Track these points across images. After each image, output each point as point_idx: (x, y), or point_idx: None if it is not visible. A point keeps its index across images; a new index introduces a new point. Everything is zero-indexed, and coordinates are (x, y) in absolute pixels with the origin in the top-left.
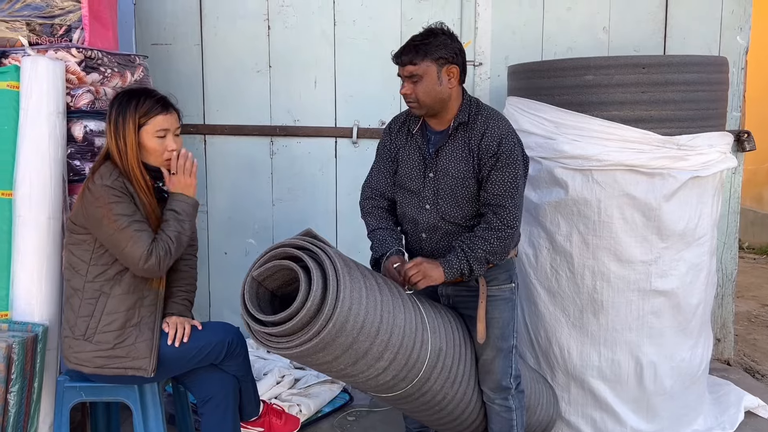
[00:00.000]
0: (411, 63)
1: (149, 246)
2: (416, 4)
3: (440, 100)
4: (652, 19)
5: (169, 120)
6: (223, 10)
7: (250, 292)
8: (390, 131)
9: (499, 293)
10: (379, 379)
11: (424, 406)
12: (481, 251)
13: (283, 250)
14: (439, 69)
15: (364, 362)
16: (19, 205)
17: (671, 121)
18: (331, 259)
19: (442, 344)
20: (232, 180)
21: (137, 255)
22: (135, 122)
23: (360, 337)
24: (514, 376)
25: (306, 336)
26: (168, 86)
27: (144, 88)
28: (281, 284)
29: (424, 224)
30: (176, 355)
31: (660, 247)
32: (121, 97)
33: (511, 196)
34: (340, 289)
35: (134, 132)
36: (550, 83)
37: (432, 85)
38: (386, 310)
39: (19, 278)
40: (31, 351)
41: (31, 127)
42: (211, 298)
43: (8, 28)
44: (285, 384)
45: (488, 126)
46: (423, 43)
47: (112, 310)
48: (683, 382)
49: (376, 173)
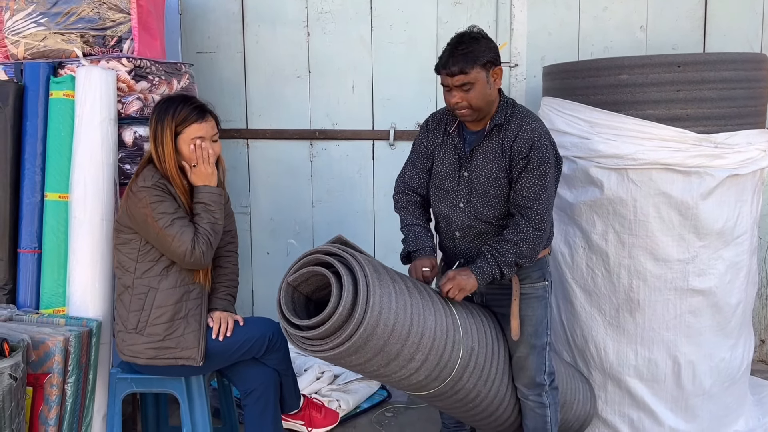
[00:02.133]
0: (462, 72)
1: (192, 240)
2: (452, 8)
3: (490, 102)
4: (691, 17)
5: (205, 127)
6: (264, 19)
7: (286, 297)
8: (427, 128)
9: (532, 291)
10: (412, 379)
11: (458, 403)
12: (510, 255)
13: (316, 257)
14: (487, 73)
15: (396, 364)
16: (75, 207)
17: (708, 119)
18: (361, 265)
19: (474, 344)
20: (274, 182)
21: (183, 250)
22: (172, 130)
23: (391, 340)
24: (548, 372)
25: (338, 340)
26: (212, 92)
27: (182, 96)
28: (315, 289)
29: (458, 223)
30: (220, 349)
31: (697, 246)
32: (161, 105)
33: (538, 198)
34: (370, 294)
35: (171, 139)
36: (584, 83)
37: (484, 90)
38: (416, 313)
39: (75, 276)
40: (86, 345)
41: (85, 134)
42: (255, 297)
43: (64, 40)
44: (325, 380)
45: (522, 128)
46: (469, 50)
47: (161, 303)
48: (723, 382)
49: (411, 169)
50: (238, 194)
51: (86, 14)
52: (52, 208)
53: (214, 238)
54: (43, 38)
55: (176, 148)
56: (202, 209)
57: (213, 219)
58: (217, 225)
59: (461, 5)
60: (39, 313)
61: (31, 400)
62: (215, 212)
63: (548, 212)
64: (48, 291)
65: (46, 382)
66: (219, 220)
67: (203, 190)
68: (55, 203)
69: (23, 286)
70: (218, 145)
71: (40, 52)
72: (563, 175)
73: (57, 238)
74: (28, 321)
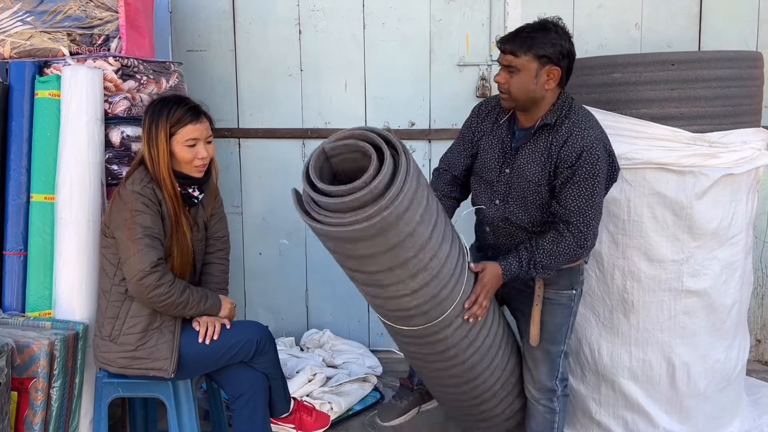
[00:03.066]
0: (512, 53)
1: (153, 263)
2: (445, 5)
3: (531, 99)
4: (686, 15)
5: (199, 129)
6: (256, 17)
7: (316, 163)
8: (479, 114)
9: (556, 297)
10: (402, 302)
11: (439, 364)
12: (545, 262)
13: (363, 132)
14: (539, 67)
15: (398, 273)
16: (61, 208)
17: (702, 118)
18: (407, 156)
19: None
20: (266, 182)
21: (138, 268)
22: (166, 131)
23: (406, 243)
24: (560, 378)
25: (360, 216)
26: (203, 91)
27: (177, 96)
28: (346, 170)
29: (490, 218)
30: (206, 353)
31: (692, 247)
32: (155, 106)
33: (582, 213)
34: (406, 183)
35: (166, 141)
36: (577, 81)
37: (527, 82)
38: (437, 233)
39: (61, 278)
40: (72, 348)
41: (71, 134)
42: (246, 297)
43: (50, 38)
44: (316, 382)
45: (572, 133)
46: (530, 36)
47: (136, 313)
48: (718, 383)
49: (453, 149)
50: (229, 194)
51: (73, 12)
52: (38, 209)
53: (173, 301)
54: (30, 37)
55: (170, 149)
56: (202, 298)
57: (188, 303)
58: (182, 308)
59: (454, 2)
60: (25, 316)
61: (16, 404)
62: (194, 308)
63: (594, 228)
64: (34, 293)
65: (31, 387)
66: (186, 310)
67: (215, 309)
68: (41, 204)
69: (9, 289)
70: (212, 146)
71: (26, 51)
72: None
73: (43, 240)
74: (14, 324)
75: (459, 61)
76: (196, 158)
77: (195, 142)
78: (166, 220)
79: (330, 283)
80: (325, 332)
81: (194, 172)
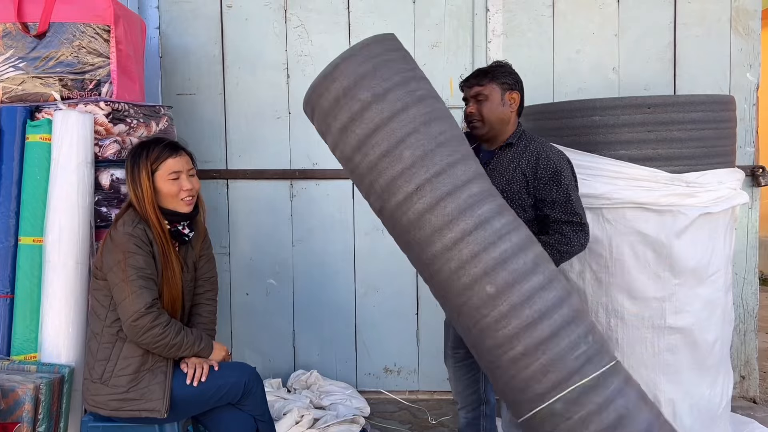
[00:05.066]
0: (478, 84)
1: (148, 304)
2: (429, 50)
3: (501, 120)
4: (661, 59)
5: (180, 162)
6: (245, 61)
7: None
8: None
9: None
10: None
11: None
12: (564, 260)
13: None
14: (502, 92)
15: (396, 94)
16: (49, 251)
17: (679, 159)
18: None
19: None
20: (254, 222)
21: (133, 309)
22: (147, 169)
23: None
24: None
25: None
26: (192, 134)
27: (155, 138)
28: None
29: None
30: (195, 395)
31: (673, 284)
32: (135, 149)
33: (576, 210)
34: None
35: (148, 179)
36: (558, 124)
37: (496, 105)
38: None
39: (48, 321)
40: (57, 392)
41: (61, 177)
42: (233, 338)
43: (42, 83)
44: (304, 424)
45: (529, 146)
46: (490, 69)
47: (128, 354)
48: (703, 420)
49: None
50: (218, 234)
51: (65, 58)
52: (26, 252)
53: (168, 342)
54: (21, 82)
55: (154, 187)
56: (196, 341)
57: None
58: (177, 349)
59: (438, 48)
60: (10, 360)
61: None
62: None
63: (585, 215)
64: (20, 337)
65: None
66: (180, 351)
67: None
68: (30, 247)
69: None
70: (196, 180)
71: (18, 96)
72: None
73: (30, 283)
74: None
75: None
76: (181, 190)
77: (177, 175)
78: (158, 259)
79: (317, 323)
80: (313, 373)
81: (182, 206)
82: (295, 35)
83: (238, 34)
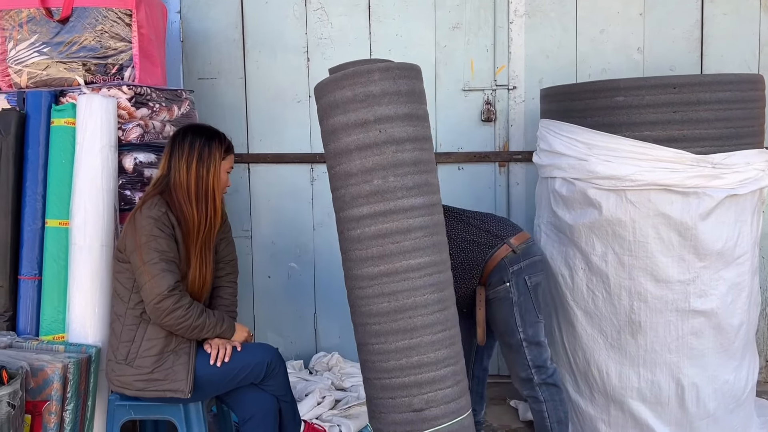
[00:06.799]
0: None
1: (171, 287)
2: (450, 32)
3: None
4: (687, 38)
5: (233, 160)
6: (265, 45)
7: None
8: None
9: (494, 295)
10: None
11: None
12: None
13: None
14: None
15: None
16: (75, 233)
17: (705, 139)
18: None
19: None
20: (275, 206)
21: (156, 291)
22: (220, 155)
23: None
24: (535, 366)
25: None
26: (213, 118)
27: (210, 127)
28: None
29: None
30: (218, 375)
31: (698, 267)
32: (205, 132)
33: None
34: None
35: (219, 164)
36: (581, 105)
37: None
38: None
39: (75, 302)
40: (85, 371)
41: (85, 161)
42: (256, 321)
43: (66, 68)
44: (326, 405)
45: None
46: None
47: (152, 336)
48: (728, 404)
49: None
50: (239, 218)
51: (88, 43)
52: (53, 234)
53: (190, 323)
54: (46, 67)
55: None
56: (219, 322)
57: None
58: (199, 330)
59: (459, 29)
60: (38, 340)
61: (30, 427)
62: (210, 331)
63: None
64: (48, 317)
65: (45, 410)
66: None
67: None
68: (56, 230)
69: (23, 313)
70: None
71: (43, 81)
72: (562, 197)
73: (57, 265)
74: (28, 348)
75: (464, 86)
76: (227, 185)
77: (230, 171)
78: (180, 244)
79: (338, 306)
80: (334, 355)
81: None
82: (315, 18)
83: (258, 18)
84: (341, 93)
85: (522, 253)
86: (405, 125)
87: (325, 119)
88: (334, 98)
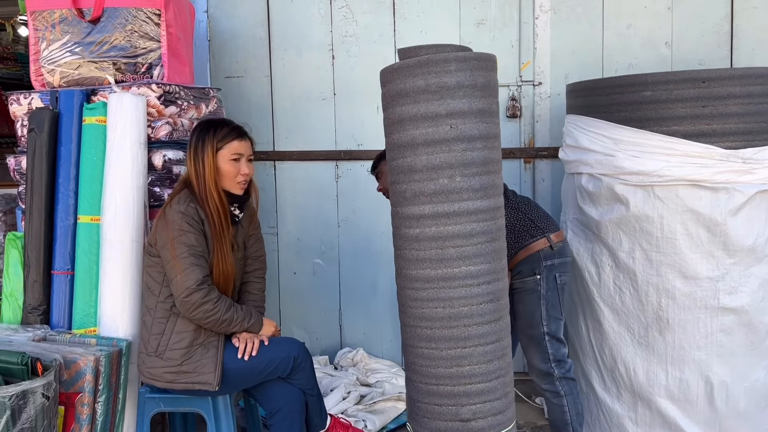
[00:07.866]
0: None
1: (199, 281)
2: (475, 29)
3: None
4: (716, 32)
5: (243, 146)
6: (290, 43)
7: None
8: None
9: (522, 286)
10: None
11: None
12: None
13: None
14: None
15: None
16: (106, 229)
17: (735, 134)
18: None
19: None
20: (300, 203)
21: (185, 285)
22: (213, 146)
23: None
24: (555, 360)
25: None
26: (240, 116)
27: (222, 118)
28: None
29: None
30: (246, 369)
31: (727, 263)
32: (202, 125)
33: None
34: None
35: (212, 155)
36: (607, 100)
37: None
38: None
39: (106, 296)
40: (116, 364)
41: (116, 158)
42: (281, 316)
43: (97, 68)
44: (351, 400)
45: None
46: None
47: (181, 329)
48: (758, 403)
49: None
50: (265, 215)
51: (119, 43)
52: (85, 230)
53: (219, 317)
54: (78, 66)
55: (216, 164)
56: (246, 316)
57: (232, 321)
58: (227, 324)
59: (484, 26)
60: (71, 333)
61: (63, 419)
62: (238, 324)
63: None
64: (80, 311)
65: (78, 401)
66: (231, 326)
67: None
68: (88, 226)
69: (57, 307)
70: (252, 166)
71: (75, 80)
72: (589, 193)
73: (89, 260)
74: (61, 341)
75: None
76: (239, 174)
77: (239, 157)
78: (209, 237)
79: (363, 302)
80: (359, 351)
81: (236, 189)
82: (340, 16)
83: (284, 16)
84: (413, 81)
85: (558, 250)
86: (478, 122)
87: (390, 107)
88: (404, 86)
